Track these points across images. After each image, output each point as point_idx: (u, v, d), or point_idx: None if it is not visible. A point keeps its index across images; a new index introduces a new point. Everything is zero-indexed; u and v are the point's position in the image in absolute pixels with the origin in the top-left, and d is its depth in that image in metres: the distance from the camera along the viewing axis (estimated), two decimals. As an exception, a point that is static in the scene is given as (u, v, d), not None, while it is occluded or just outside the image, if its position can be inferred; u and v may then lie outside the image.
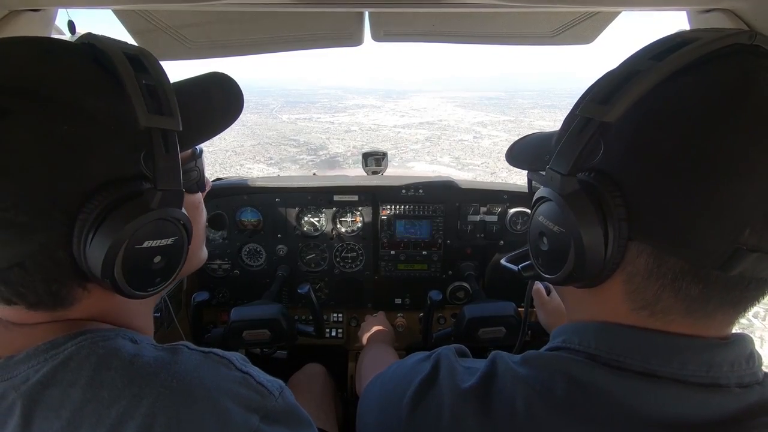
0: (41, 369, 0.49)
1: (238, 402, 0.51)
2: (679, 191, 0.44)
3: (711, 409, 0.47)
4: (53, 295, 0.51)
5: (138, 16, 1.12)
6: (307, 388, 1.57)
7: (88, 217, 0.47)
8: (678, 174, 0.44)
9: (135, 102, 0.48)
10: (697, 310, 0.48)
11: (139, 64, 0.52)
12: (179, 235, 0.55)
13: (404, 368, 0.67)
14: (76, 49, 0.53)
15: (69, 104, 0.47)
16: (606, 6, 1.04)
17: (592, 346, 0.53)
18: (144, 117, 0.48)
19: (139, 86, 0.49)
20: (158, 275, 0.55)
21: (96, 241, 0.48)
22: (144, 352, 0.51)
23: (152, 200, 0.50)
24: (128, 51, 0.52)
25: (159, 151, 0.50)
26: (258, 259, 1.91)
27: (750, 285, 0.46)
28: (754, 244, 0.42)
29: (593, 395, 0.50)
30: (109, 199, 0.48)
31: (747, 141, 0.42)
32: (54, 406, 0.47)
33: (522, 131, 13.55)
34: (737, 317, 0.50)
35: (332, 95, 37.46)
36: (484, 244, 1.89)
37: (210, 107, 0.64)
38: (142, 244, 0.51)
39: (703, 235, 0.44)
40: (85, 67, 0.51)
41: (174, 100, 0.52)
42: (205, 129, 0.63)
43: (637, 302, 0.51)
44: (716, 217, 0.43)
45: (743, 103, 0.43)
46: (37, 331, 0.52)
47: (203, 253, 0.76)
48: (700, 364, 0.48)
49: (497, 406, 0.53)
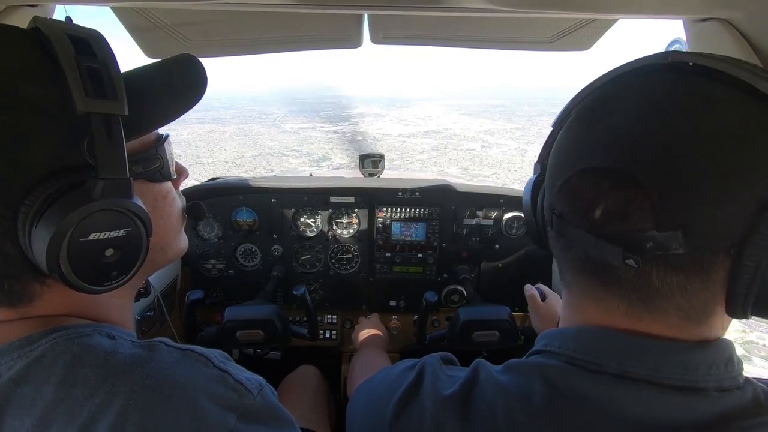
0: (14, 366, 0.48)
1: (215, 400, 0.49)
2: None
3: (687, 413, 0.47)
4: (6, 292, 0.50)
5: (136, 14, 1.12)
6: (301, 389, 1.56)
7: (29, 210, 0.46)
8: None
9: (72, 86, 0.46)
10: (692, 312, 0.48)
11: (86, 46, 0.49)
12: (132, 227, 0.52)
13: (391, 376, 0.67)
14: (19, 34, 0.51)
15: (6, 92, 0.46)
16: (603, 13, 1.05)
17: (571, 349, 0.53)
18: (81, 101, 0.46)
19: (78, 69, 0.46)
20: (113, 269, 0.52)
21: (38, 235, 0.46)
22: (120, 349, 0.50)
23: (93, 190, 0.47)
24: (74, 33, 0.49)
25: (100, 138, 0.47)
26: (253, 259, 1.90)
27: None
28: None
29: (571, 399, 0.50)
30: (51, 189, 0.46)
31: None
32: (26, 404, 0.46)
33: (531, 139, 13.65)
34: (723, 319, 0.50)
35: (336, 104, 37.53)
36: (480, 248, 1.89)
37: (168, 90, 0.61)
38: (87, 237, 0.48)
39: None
40: (25, 53, 0.49)
41: (120, 83, 0.49)
42: (162, 113, 0.60)
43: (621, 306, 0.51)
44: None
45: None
46: (12, 328, 0.51)
47: (181, 242, 0.72)
48: (675, 366, 0.48)
49: (477, 413, 0.53)
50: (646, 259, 0.46)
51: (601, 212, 0.48)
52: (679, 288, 0.46)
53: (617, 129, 0.48)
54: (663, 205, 0.44)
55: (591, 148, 0.50)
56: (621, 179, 0.46)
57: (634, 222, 0.45)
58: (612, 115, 0.49)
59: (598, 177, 0.48)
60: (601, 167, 0.48)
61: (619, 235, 0.47)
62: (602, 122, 0.50)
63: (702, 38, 1.00)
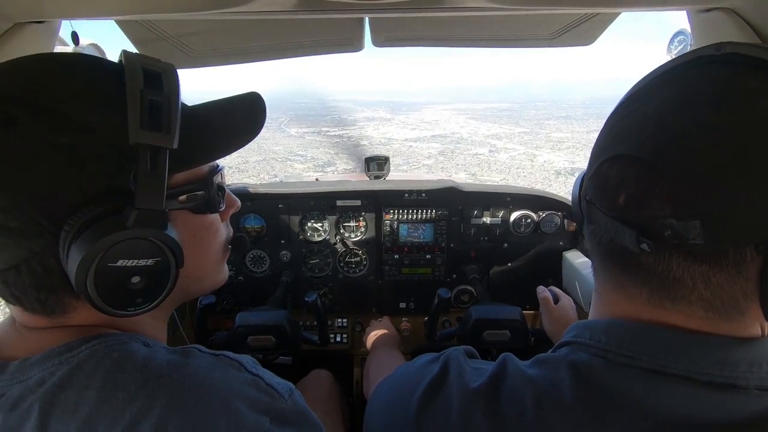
0: (57, 372, 0.50)
1: (249, 403, 0.51)
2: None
3: (725, 410, 0.45)
4: (41, 302, 0.52)
5: (140, 26, 1.14)
6: (314, 394, 1.56)
7: (71, 229, 0.48)
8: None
9: (130, 117, 0.48)
10: (719, 305, 0.47)
11: (155, 79, 0.51)
12: (162, 257, 0.53)
13: (413, 369, 0.67)
14: (100, 64, 0.54)
15: (71, 117, 0.48)
16: (605, 7, 1.04)
17: (602, 341, 0.52)
18: (134, 132, 0.48)
19: (141, 101, 0.49)
20: (139, 296, 0.53)
21: (72, 254, 0.48)
22: (157, 355, 0.52)
23: (128, 219, 0.49)
24: (149, 66, 0.52)
25: (143, 168, 0.49)
26: (262, 265, 1.91)
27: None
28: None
29: (602, 393, 0.49)
30: (92, 213, 0.48)
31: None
32: (70, 409, 0.47)
33: (540, 144, 13.41)
34: (763, 318, 0.48)
35: (342, 108, 37.49)
36: (488, 247, 1.88)
37: (226, 126, 0.63)
38: (116, 263, 0.49)
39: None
40: (98, 81, 0.52)
41: (176, 117, 0.51)
42: (217, 147, 0.62)
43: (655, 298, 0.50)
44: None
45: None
46: (51, 335, 0.54)
47: (219, 274, 0.72)
48: (714, 362, 0.46)
49: (506, 406, 0.52)
50: (665, 247, 0.46)
51: (624, 198, 0.48)
52: (703, 279, 0.45)
53: (645, 118, 0.49)
54: (682, 194, 0.44)
55: (621, 137, 0.51)
56: (643, 166, 0.46)
57: (653, 209, 0.45)
58: (644, 105, 0.50)
59: (624, 164, 0.49)
60: (627, 154, 0.49)
61: (638, 220, 0.47)
62: (634, 112, 0.51)
63: (707, 29, 0.98)
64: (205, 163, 0.62)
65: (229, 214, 0.72)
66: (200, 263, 0.65)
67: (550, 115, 29.86)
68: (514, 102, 44.48)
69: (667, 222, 0.44)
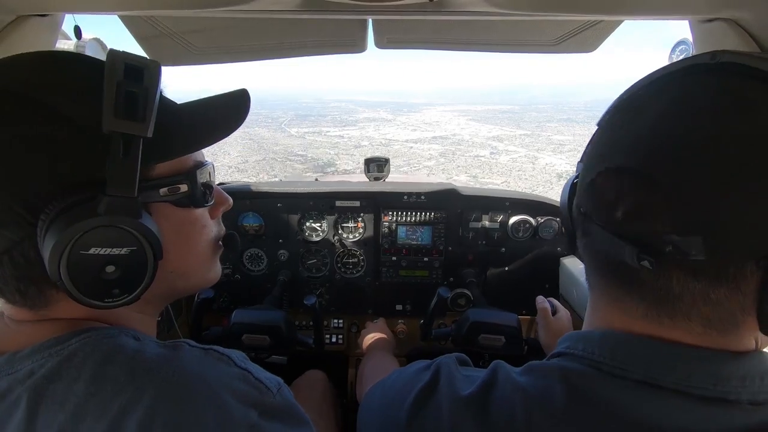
0: (46, 364, 0.50)
1: (237, 397, 0.51)
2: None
3: (716, 425, 0.45)
4: (22, 293, 0.53)
5: (143, 22, 1.14)
6: (308, 394, 1.56)
7: (47, 218, 0.48)
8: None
9: (105, 106, 0.48)
10: (717, 321, 0.46)
11: (137, 73, 0.51)
12: (137, 246, 0.52)
13: (405, 376, 0.67)
14: (85, 59, 0.55)
15: (49, 107, 0.49)
16: (608, 15, 1.04)
17: (596, 353, 0.52)
18: (108, 121, 0.48)
19: (117, 91, 0.49)
20: (115, 286, 0.52)
21: (46, 243, 0.48)
22: (146, 349, 0.52)
23: (98, 206, 0.49)
24: (133, 62, 0.51)
25: (116, 156, 0.49)
26: (259, 264, 1.91)
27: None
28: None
29: (593, 404, 0.49)
30: (66, 201, 0.48)
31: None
32: (58, 400, 0.47)
33: (541, 146, 13.60)
34: (757, 331, 0.48)
35: (343, 108, 37.53)
36: (486, 251, 1.88)
37: (204, 119, 0.63)
38: (88, 251, 0.49)
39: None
40: (79, 75, 0.53)
41: (152, 107, 0.51)
42: (194, 139, 0.62)
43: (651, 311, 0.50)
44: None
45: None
46: (41, 329, 0.54)
47: (210, 272, 0.72)
48: (707, 377, 0.46)
49: (496, 413, 0.52)
50: (665, 263, 0.45)
51: (621, 212, 0.48)
52: (702, 296, 0.45)
53: (642, 129, 0.48)
54: (682, 209, 0.43)
55: (616, 148, 0.50)
56: (641, 179, 0.46)
57: (653, 224, 0.45)
58: (640, 115, 0.49)
59: (621, 176, 0.48)
60: (623, 167, 0.48)
61: (637, 235, 0.46)
62: (630, 122, 0.50)
63: (708, 39, 0.98)
64: (184, 153, 0.62)
65: (219, 211, 0.72)
66: (185, 259, 0.65)
67: (551, 118, 30.00)
68: (516, 104, 44.70)
69: (668, 238, 0.43)
